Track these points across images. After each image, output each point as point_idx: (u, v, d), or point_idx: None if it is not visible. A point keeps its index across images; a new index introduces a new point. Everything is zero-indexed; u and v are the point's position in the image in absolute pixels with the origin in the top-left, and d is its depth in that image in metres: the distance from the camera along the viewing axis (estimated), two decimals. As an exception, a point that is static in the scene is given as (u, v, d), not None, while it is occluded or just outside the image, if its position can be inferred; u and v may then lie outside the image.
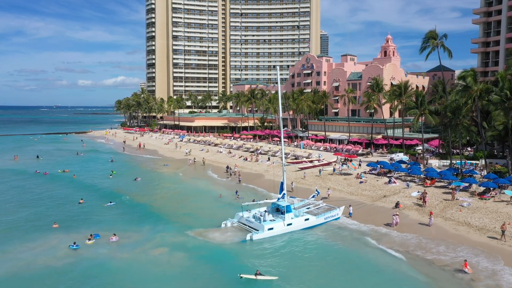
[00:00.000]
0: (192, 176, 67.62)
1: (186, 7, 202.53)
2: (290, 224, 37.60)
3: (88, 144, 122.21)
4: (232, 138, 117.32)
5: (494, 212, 39.40)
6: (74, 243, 34.43)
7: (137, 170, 74.74)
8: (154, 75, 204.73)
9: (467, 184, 47.76)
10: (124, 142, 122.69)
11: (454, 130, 58.70)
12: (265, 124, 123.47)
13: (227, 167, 70.75)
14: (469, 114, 63.64)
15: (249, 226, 37.63)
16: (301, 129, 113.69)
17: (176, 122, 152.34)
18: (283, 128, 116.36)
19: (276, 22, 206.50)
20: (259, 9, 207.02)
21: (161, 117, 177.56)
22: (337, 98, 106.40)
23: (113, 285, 27.77)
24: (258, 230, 36.36)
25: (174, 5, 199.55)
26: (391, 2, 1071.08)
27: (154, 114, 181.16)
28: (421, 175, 53.97)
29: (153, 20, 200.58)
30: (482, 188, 46.03)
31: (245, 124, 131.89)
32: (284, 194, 40.64)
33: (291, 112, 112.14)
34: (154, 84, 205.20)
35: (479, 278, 27.19)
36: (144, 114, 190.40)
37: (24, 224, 40.71)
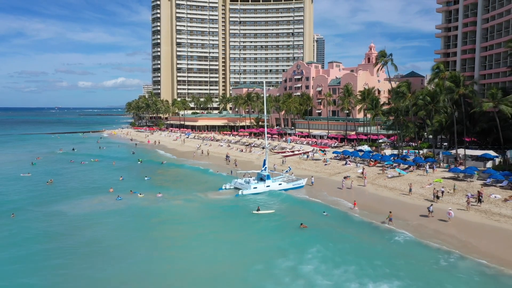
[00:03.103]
0: (200, 162, 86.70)
1: (189, 16, 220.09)
2: (269, 186, 56.89)
3: (105, 141, 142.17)
4: (231, 135, 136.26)
5: (406, 180, 58.46)
6: (118, 196, 53.93)
7: (158, 158, 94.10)
8: (159, 79, 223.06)
9: (396, 164, 66.81)
10: (131, 140, 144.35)
11: (398, 127, 77.77)
12: (260, 123, 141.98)
13: (227, 156, 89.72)
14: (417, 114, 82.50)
15: (241, 187, 56.77)
16: (290, 127, 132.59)
17: (182, 122, 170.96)
18: (276, 126, 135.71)
19: (272, 29, 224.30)
20: (257, 17, 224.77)
21: (166, 118, 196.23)
22: (319, 101, 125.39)
23: (151, 217, 46.66)
24: (247, 189, 55.54)
25: (178, 14, 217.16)
26: (391, 2, 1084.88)
27: (160, 115, 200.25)
28: (369, 159, 73.17)
29: (158, 28, 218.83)
30: (405, 166, 65.08)
31: (243, 124, 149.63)
32: (266, 167, 59.68)
33: (282, 113, 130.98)
34: (159, 87, 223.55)
35: (360, 211, 46.30)
36: (151, 115, 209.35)
37: (88, 190, 59.98)
